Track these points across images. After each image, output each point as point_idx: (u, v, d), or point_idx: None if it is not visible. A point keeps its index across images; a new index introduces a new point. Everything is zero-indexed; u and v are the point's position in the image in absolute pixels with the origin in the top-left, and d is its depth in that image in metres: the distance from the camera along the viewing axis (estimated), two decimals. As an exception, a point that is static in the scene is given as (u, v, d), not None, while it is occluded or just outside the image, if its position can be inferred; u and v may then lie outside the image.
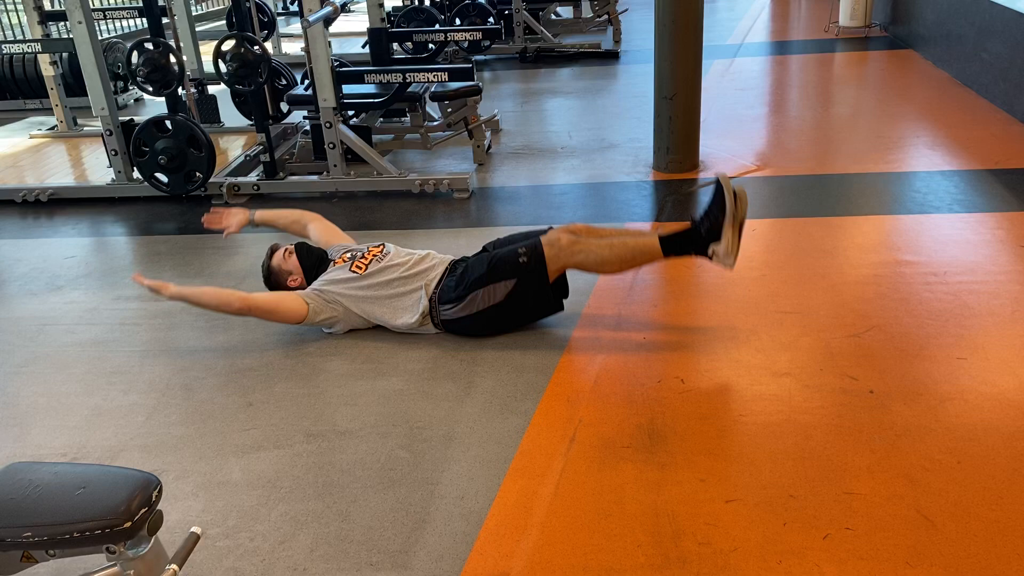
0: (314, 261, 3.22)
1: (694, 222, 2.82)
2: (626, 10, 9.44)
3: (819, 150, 5.00)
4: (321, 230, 3.45)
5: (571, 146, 5.38)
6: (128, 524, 1.51)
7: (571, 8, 10.10)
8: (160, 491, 1.60)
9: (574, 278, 3.41)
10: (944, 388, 2.55)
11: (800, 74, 7.16)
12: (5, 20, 9.48)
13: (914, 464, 2.23)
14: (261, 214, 3.50)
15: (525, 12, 8.31)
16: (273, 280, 3.23)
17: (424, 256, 3.12)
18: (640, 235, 2.96)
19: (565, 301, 3.06)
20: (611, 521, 2.10)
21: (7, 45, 5.16)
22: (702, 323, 3.05)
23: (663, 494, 2.18)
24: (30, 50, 5.21)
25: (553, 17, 9.65)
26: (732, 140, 5.22)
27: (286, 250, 3.24)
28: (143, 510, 1.54)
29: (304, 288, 3.14)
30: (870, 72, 6.96)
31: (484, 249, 3.16)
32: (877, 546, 1.97)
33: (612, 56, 8.23)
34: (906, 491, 2.14)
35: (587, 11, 9.94)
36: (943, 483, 2.16)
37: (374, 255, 3.11)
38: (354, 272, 3.06)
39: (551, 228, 3.06)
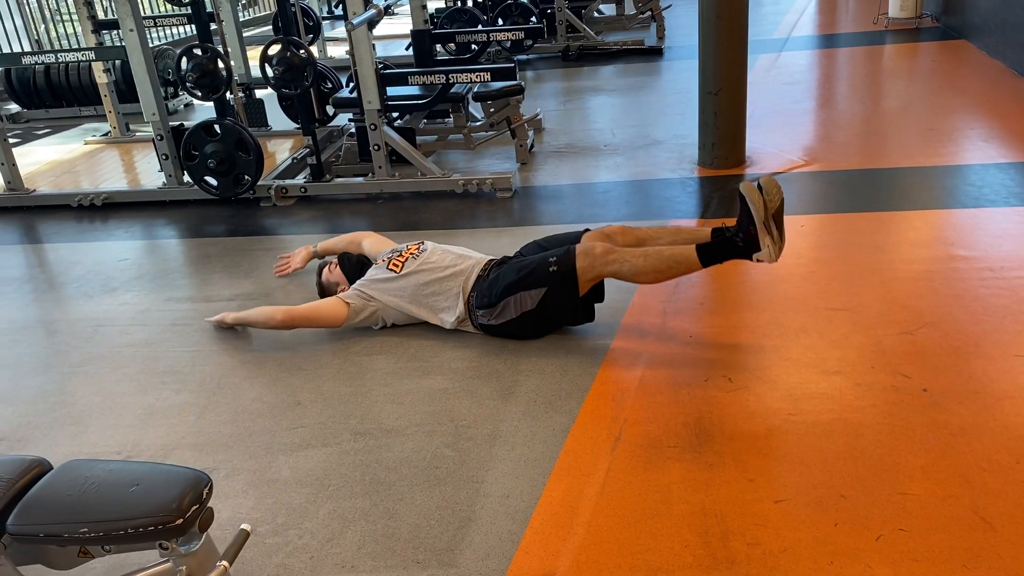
0: (355, 266, 3.33)
1: (732, 234, 2.70)
2: (669, 6, 9.36)
3: (869, 144, 4.90)
4: (373, 243, 3.52)
5: (614, 144, 5.35)
6: (180, 521, 1.54)
7: (614, 5, 10.05)
8: (211, 489, 1.63)
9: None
10: (1001, 386, 2.48)
11: (848, 67, 7.03)
12: (60, 30, 9.74)
13: (970, 464, 2.17)
14: (322, 245, 3.70)
15: (567, 10, 8.29)
16: (327, 295, 3.33)
17: (460, 255, 3.12)
18: (677, 242, 2.86)
19: (605, 302, 3.04)
20: (658, 521, 2.08)
21: (62, 54, 5.29)
22: (750, 321, 3.01)
23: (711, 494, 2.15)
24: (84, 58, 5.34)
25: (596, 15, 9.60)
26: (779, 135, 5.15)
27: (331, 264, 3.38)
28: (194, 507, 1.57)
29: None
30: (921, 64, 6.80)
31: (520, 253, 3.15)
32: (932, 548, 1.92)
33: (656, 53, 8.16)
34: (962, 492, 2.08)
35: (630, 8, 9.88)
36: (1001, 484, 2.10)
37: (411, 253, 3.14)
38: (391, 271, 3.10)
39: (587, 231, 3.04)
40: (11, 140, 5.20)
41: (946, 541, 1.93)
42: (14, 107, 7.60)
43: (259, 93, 6.36)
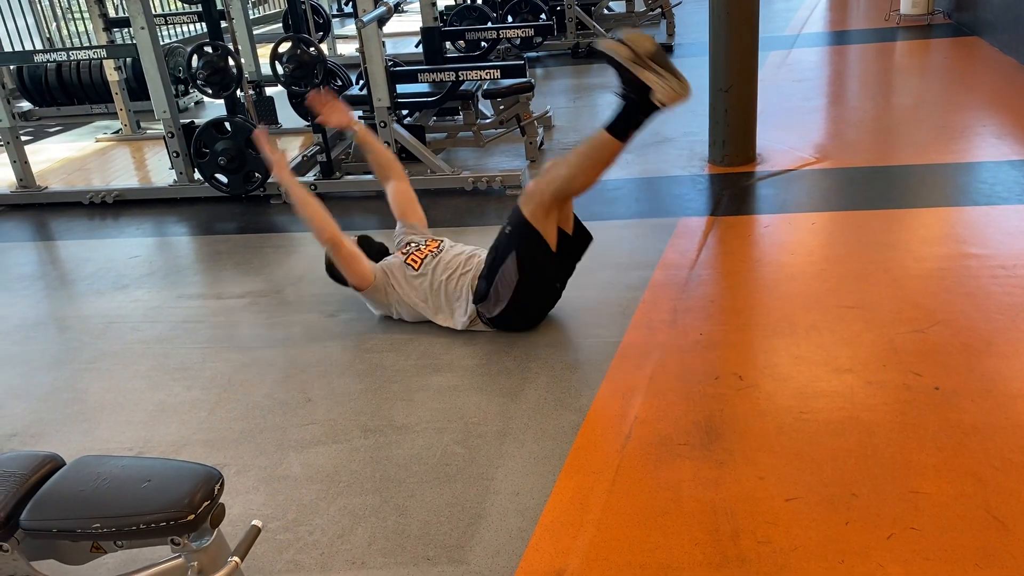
0: (374, 254, 3.27)
1: (621, 95, 2.64)
2: (679, 3, 9.32)
3: (880, 141, 4.87)
4: (399, 193, 3.41)
5: (625, 141, 5.33)
6: (192, 517, 1.54)
7: (623, 2, 10.02)
8: (222, 485, 1.63)
9: (629, 273, 3.39)
10: (1015, 385, 2.47)
11: (860, 64, 7.00)
12: (72, 28, 9.78)
13: (983, 463, 2.16)
14: (364, 133, 3.41)
15: (577, 7, 8.27)
16: (334, 272, 3.28)
17: (471, 256, 3.12)
18: (590, 137, 2.77)
19: (615, 299, 3.03)
20: (668, 518, 2.08)
21: (74, 52, 5.31)
22: (760, 319, 3.00)
23: (721, 492, 2.15)
24: (96, 56, 5.37)
25: (605, 12, 9.57)
26: (790, 132, 5.13)
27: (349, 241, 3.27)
28: (206, 503, 1.57)
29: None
30: (933, 61, 6.76)
31: None
32: (944, 547, 1.91)
33: (666, 49, 8.13)
34: (975, 491, 2.07)
35: (640, 5, 9.85)
36: (1014, 483, 2.08)
37: (430, 251, 3.13)
38: (409, 265, 3.09)
39: None
40: (23, 138, 5.23)
41: (958, 540, 1.93)
42: (26, 105, 7.63)
43: (269, 90, 6.36)
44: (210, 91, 4.63)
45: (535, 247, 2.87)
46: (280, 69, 4.67)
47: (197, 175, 4.81)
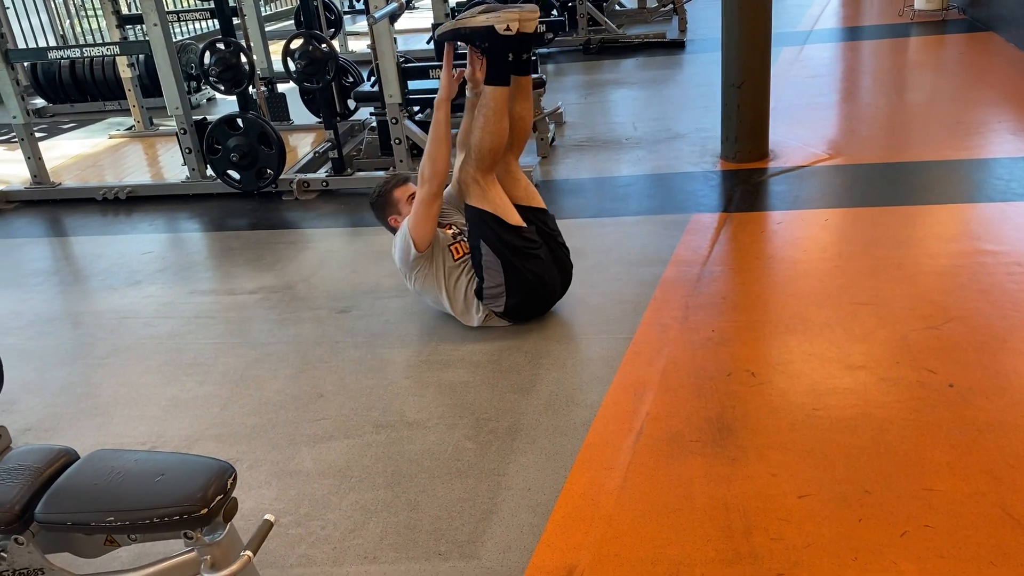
0: None
1: (481, 52, 2.90)
2: (691, -1, 9.29)
3: (894, 137, 4.84)
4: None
5: (636, 137, 5.33)
6: (204, 511, 1.55)
7: (635, -2, 10.00)
8: (235, 479, 1.64)
9: (640, 270, 3.38)
10: (1030, 382, 2.45)
11: (873, 60, 6.95)
12: (85, 25, 9.82)
13: (998, 460, 2.15)
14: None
15: (589, 3, 8.25)
16: (379, 205, 3.25)
17: None
18: (480, 100, 2.95)
19: (627, 296, 3.02)
20: (680, 515, 2.07)
21: (87, 49, 5.34)
22: (773, 315, 2.99)
23: (733, 488, 2.14)
24: (109, 53, 5.39)
25: (617, 8, 9.55)
26: (802, 128, 5.10)
27: (412, 194, 3.16)
28: (219, 497, 1.58)
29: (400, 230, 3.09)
30: (948, 56, 6.72)
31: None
32: (959, 544, 1.90)
33: (677, 46, 8.11)
34: (989, 488, 2.06)
35: (651, 1, 9.82)
36: (1029, 480, 2.07)
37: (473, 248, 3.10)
38: (450, 252, 3.06)
39: None
40: (37, 134, 5.26)
41: (972, 538, 1.91)
42: (40, 102, 7.68)
43: (281, 87, 6.38)
44: (222, 87, 4.65)
45: (495, 225, 2.91)
46: (292, 65, 4.68)
47: (209, 171, 4.83)
